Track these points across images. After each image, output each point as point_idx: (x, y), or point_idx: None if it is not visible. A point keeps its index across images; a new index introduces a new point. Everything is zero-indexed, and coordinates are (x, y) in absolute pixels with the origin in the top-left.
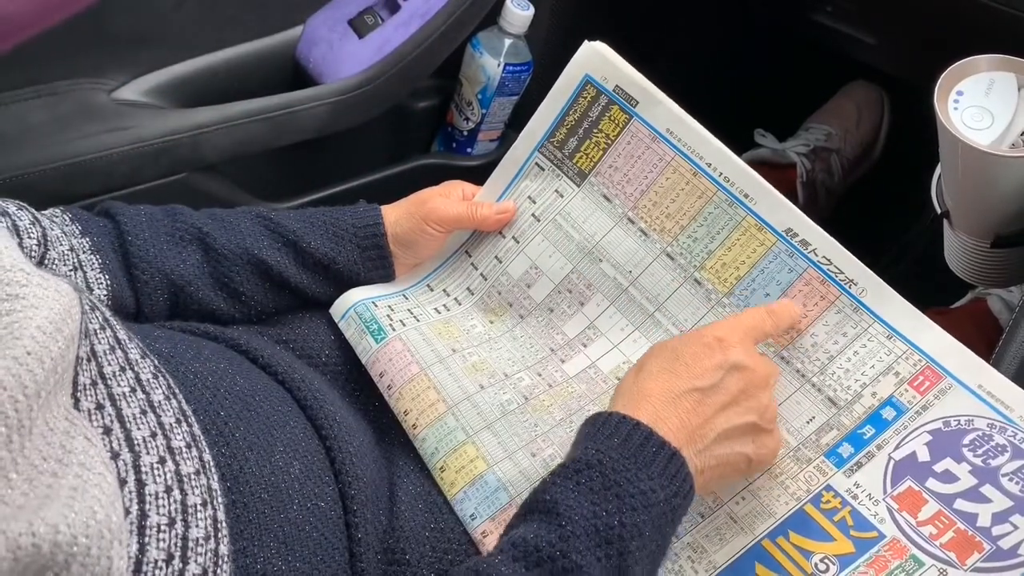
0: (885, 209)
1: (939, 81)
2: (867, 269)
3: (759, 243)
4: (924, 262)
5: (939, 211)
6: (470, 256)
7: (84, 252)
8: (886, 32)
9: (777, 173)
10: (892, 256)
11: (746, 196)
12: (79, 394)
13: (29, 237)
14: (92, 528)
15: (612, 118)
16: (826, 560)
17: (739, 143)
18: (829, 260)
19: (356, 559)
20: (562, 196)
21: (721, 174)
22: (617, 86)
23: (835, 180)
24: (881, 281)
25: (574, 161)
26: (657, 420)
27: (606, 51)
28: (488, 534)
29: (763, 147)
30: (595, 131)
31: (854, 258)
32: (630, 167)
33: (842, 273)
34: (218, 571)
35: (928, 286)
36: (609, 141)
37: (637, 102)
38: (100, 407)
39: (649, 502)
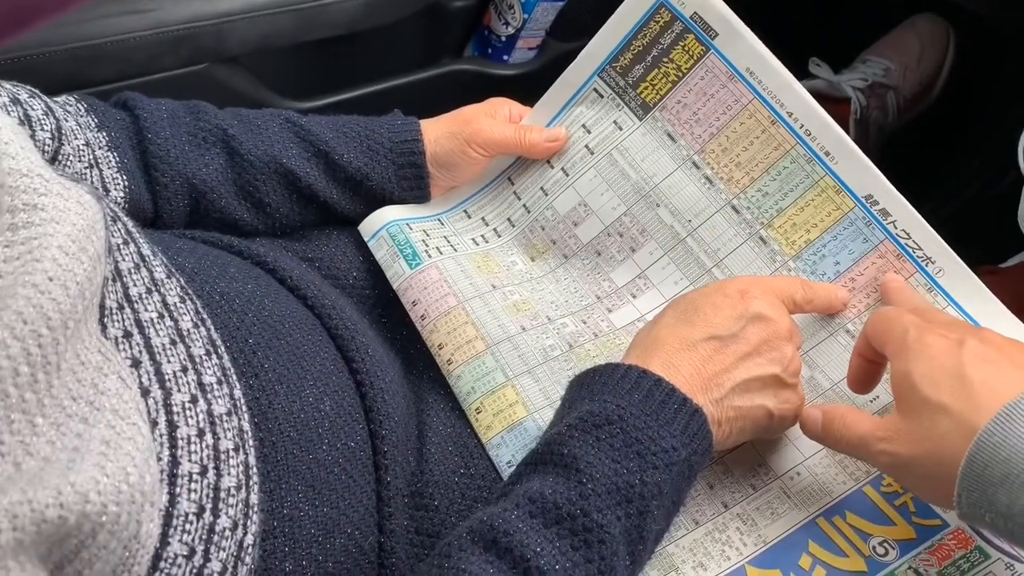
0: (935, 152)
1: None
2: (949, 249)
3: (835, 207)
4: (970, 210)
5: None
6: (513, 184)
7: (100, 148)
8: None
9: (829, 107)
10: (937, 203)
11: (827, 154)
12: (106, 319)
13: (43, 129)
14: (124, 493)
15: (686, 48)
16: (885, 543)
17: (791, 72)
18: (908, 234)
19: (384, 503)
20: (621, 129)
21: (803, 126)
22: (696, 13)
23: (888, 118)
24: (962, 263)
25: (638, 91)
26: (669, 367)
27: None
28: None
29: (818, 78)
30: (665, 60)
31: (936, 235)
32: (701, 105)
33: (920, 249)
34: (248, 523)
35: (971, 240)
36: (680, 73)
37: (716, 34)
38: (128, 335)
39: (670, 460)
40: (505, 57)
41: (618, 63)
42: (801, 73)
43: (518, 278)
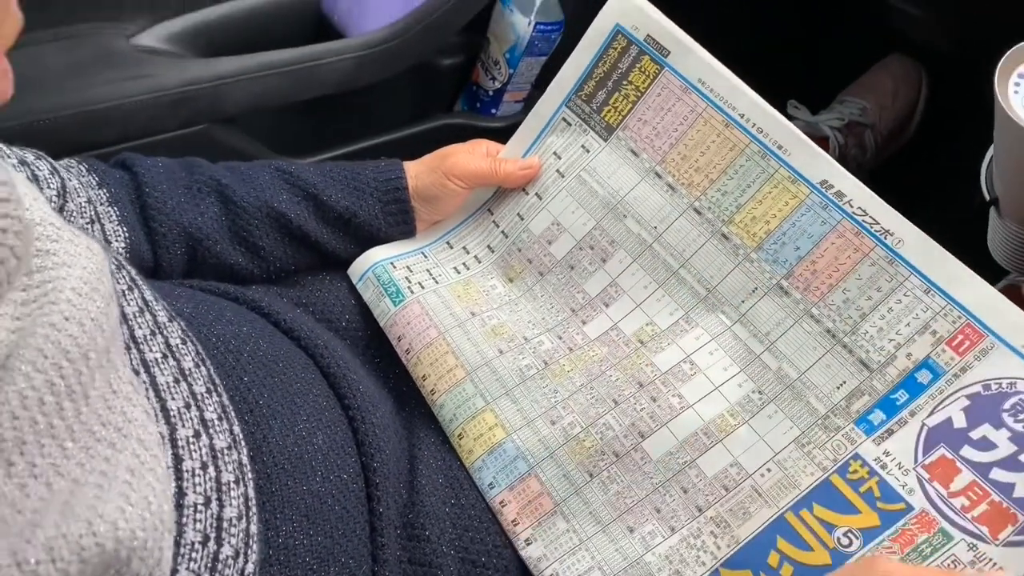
0: (916, 187)
1: (1000, 63)
2: (905, 219)
3: (791, 196)
4: (954, 243)
5: (987, 197)
6: (492, 214)
7: (101, 204)
8: (935, 4)
9: None
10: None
11: (780, 147)
12: None
13: (48, 187)
14: (148, 521)
15: (642, 69)
16: (849, 534)
17: None
18: (864, 211)
19: (377, 534)
20: (588, 151)
21: (754, 125)
22: (648, 35)
23: (867, 156)
24: (920, 231)
25: (602, 115)
26: None
27: None
28: (506, 503)
29: (796, 119)
30: (624, 83)
31: (891, 208)
32: (660, 120)
33: (878, 224)
34: (248, 552)
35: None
36: (639, 93)
37: (669, 52)
38: (135, 373)
39: None
40: (493, 110)
41: (582, 91)
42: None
43: (497, 301)
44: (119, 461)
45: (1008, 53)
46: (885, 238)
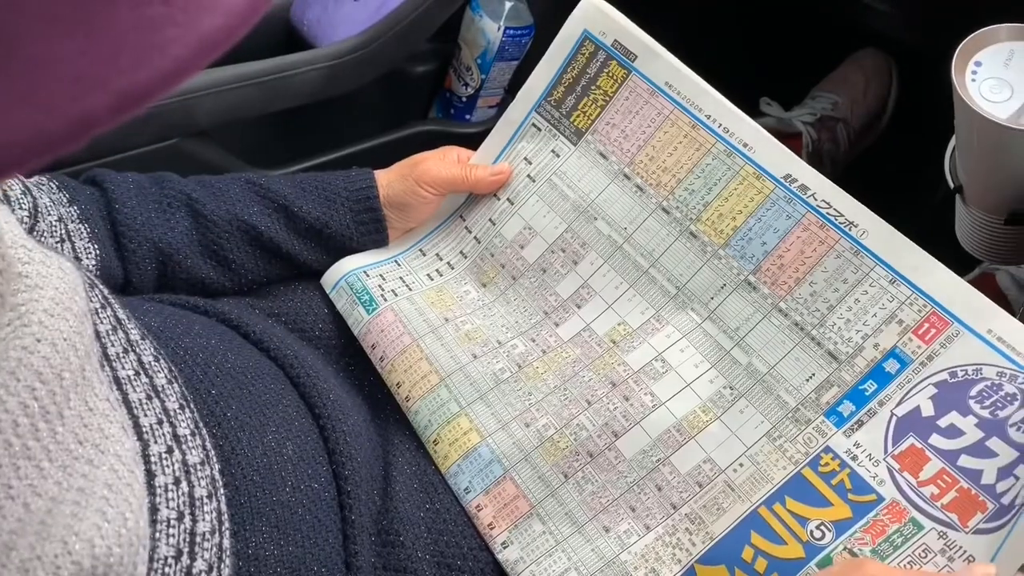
0: (890, 180)
1: (957, 51)
2: (868, 211)
3: (757, 191)
4: (929, 234)
5: (952, 185)
6: (464, 220)
7: (72, 221)
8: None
9: (782, 142)
10: (896, 226)
11: (745, 145)
12: None
13: (20, 208)
14: (124, 536)
15: (610, 74)
16: (822, 527)
17: (744, 111)
18: (828, 203)
19: (350, 541)
20: (558, 156)
21: (720, 125)
22: (616, 40)
23: (840, 150)
24: (883, 222)
25: (571, 120)
26: None
27: (604, 5)
28: (482, 508)
29: (769, 116)
30: (593, 88)
31: (854, 200)
32: (628, 123)
33: (842, 216)
34: (221, 566)
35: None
36: (607, 98)
37: (636, 56)
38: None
39: None
40: (467, 116)
41: (552, 97)
42: (753, 113)
43: (471, 307)
44: (97, 477)
45: (964, 42)
46: (850, 230)
